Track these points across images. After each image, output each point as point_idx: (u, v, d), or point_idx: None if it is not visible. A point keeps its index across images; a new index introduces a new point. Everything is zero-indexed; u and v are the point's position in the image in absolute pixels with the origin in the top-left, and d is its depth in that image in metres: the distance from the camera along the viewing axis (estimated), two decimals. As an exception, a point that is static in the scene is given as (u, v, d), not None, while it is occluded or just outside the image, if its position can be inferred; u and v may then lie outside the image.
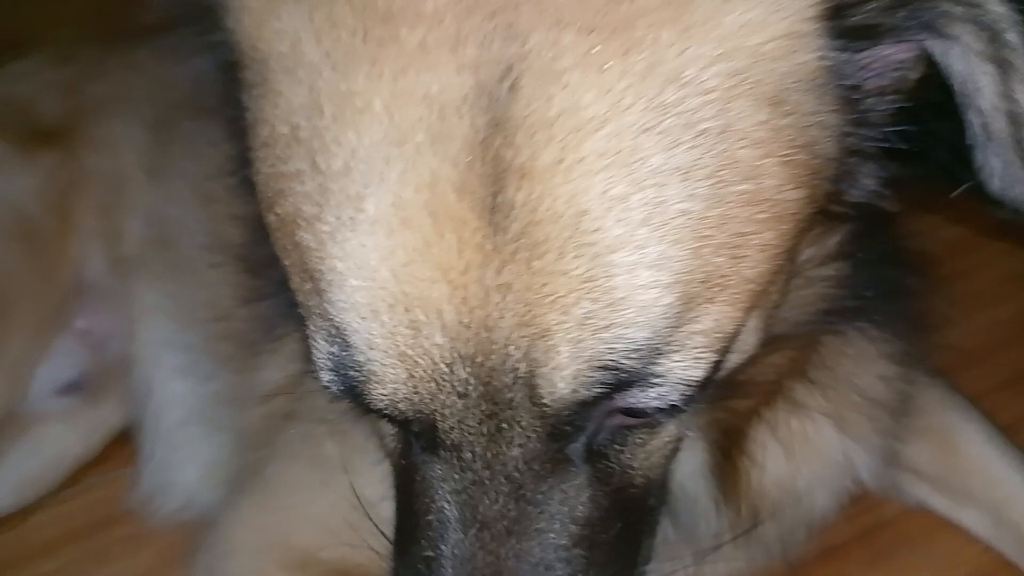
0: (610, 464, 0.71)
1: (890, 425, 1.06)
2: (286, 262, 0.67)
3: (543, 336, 0.60)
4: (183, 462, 1.30)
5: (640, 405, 0.65)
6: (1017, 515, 1.16)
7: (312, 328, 0.65)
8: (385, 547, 0.86)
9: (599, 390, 0.62)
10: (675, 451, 0.78)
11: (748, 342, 0.72)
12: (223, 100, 0.76)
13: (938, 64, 0.70)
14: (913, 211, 1.63)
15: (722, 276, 0.63)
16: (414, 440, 0.69)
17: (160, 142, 1.40)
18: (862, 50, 0.68)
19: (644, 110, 0.58)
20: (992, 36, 0.65)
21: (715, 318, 0.63)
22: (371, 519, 0.86)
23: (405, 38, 0.59)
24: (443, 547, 0.68)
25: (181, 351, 1.31)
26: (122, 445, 1.38)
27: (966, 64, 0.67)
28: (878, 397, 1.02)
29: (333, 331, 0.63)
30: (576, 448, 0.68)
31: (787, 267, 0.72)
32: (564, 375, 0.61)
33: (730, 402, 0.92)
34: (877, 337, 1.00)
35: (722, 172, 0.60)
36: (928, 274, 1.06)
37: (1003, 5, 0.65)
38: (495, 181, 0.58)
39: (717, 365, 0.67)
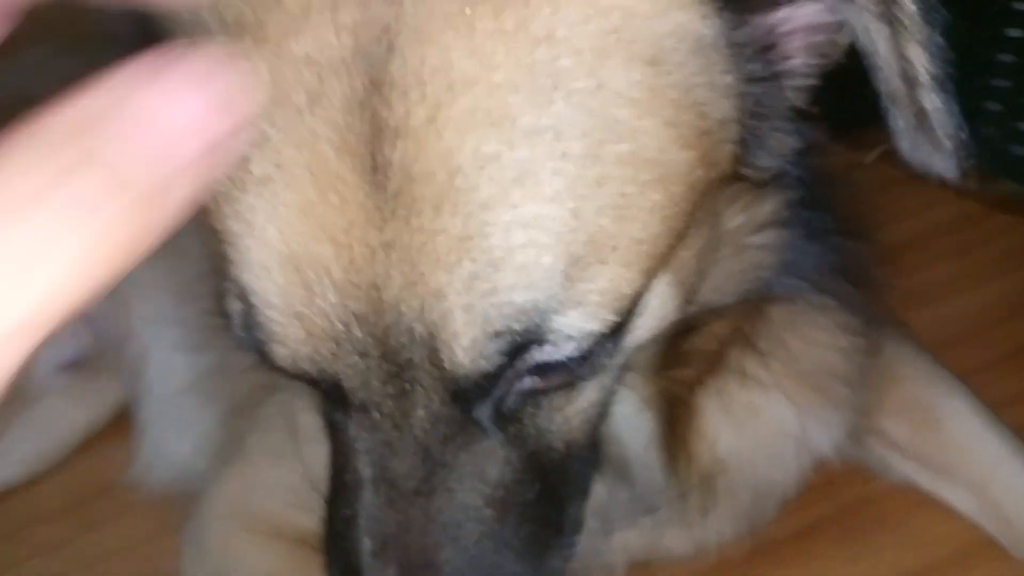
0: (523, 427, 0.71)
1: (850, 398, 1.05)
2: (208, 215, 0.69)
3: (435, 297, 0.61)
4: (178, 433, 1.34)
5: (540, 361, 0.65)
6: (999, 492, 1.13)
7: (226, 285, 0.67)
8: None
9: (498, 359, 0.63)
10: (598, 416, 0.78)
11: (663, 307, 0.72)
12: None
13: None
14: (921, 185, 1.62)
15: (609, 236, 0.63)
16: (327, 400, 0.71)
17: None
18: (753, 12, 0.67)
19: (514, 68, 0.59)
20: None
21: (609, 278, 0.64)
22: (315, 487, 0.89)
23: (288, 3, 0.61)
24: (357, 505, 0.70)
25: (175, 325, 1.35)
26: (123, 419, 1.43)
27: (862, 23, 0.66)
28: (833, 369, 1.01)
29: (238, 290, 0.65)
30: (484, 412, 0.69)
31: (700, 232, 0.72)
32: (463, 343, 0.62)
33: (673, 372, 0.91)
34: (831, 307, 0.98)
35: (597, 132, 0.61)
36: (877, 241, 1.04)
37: None
38: (373, 140, 0.59)
39: (621, 326, 0.67)
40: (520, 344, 0.63)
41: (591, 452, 0.80)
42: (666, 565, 1.11)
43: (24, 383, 1.37)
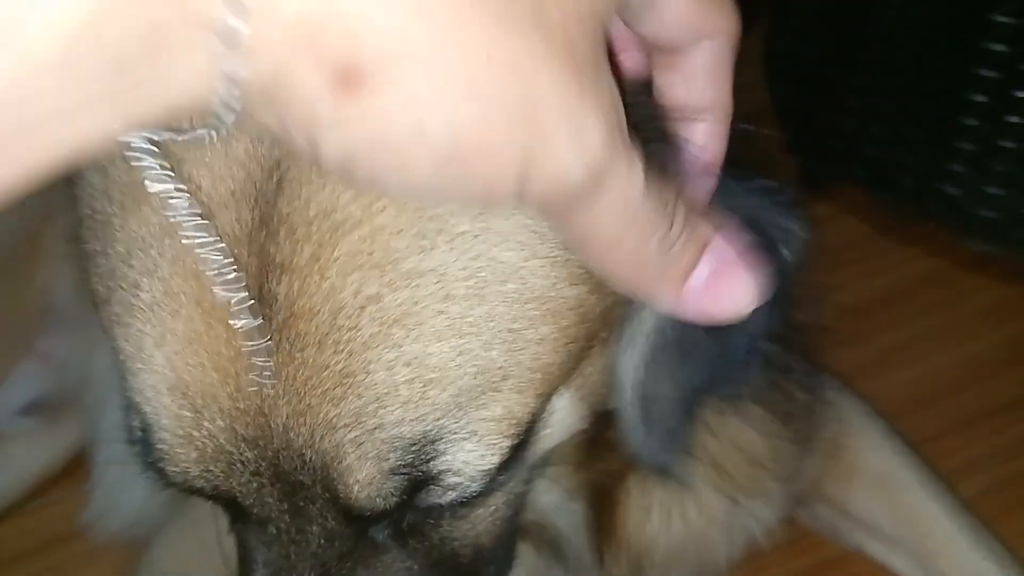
0: (425, 539, 0.71)
1: (778, 488, 1.04)
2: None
3: (325, 429, 0.61)
4: (131, 482, 1.33)
5: (442, 502, 0.65)
6: (946, 566, 1.13)
7: (124, 398, 0.67)
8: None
9: (395, 499, 0.63)
10: (507, 522, 0.77)
11: (566, 420, 0.72)
12: None
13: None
14: (890, 241, 1.62)
15: (499, 368, 0.63)
16: (226, 511, 0.71)
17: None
18: None
19: (399, 212, 0.59)
20: None
21: (503, 405, 0.64)
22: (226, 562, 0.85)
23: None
24: None
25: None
26: (82, 462, 1.43)
27: None
28: (758, 459, 0.99)
29: (132, 406, 0.65)
30: (381, 531, 0.69)
31: (604, 349, 0.71)
32: (359, 478, 0.62)
33: (597, 463, 0.91)
34: (752, 397, 0.96)
35: (482, 273, 0.60)
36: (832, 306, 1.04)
37: None
38: (260, 274, 0.59)
39: (519, 448, 0.67)
40: (418, 481, 0.63)
41: (504, 552, 0.80)
42: None
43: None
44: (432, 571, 0.72)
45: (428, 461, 0.62)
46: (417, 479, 0.62)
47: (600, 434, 0.84)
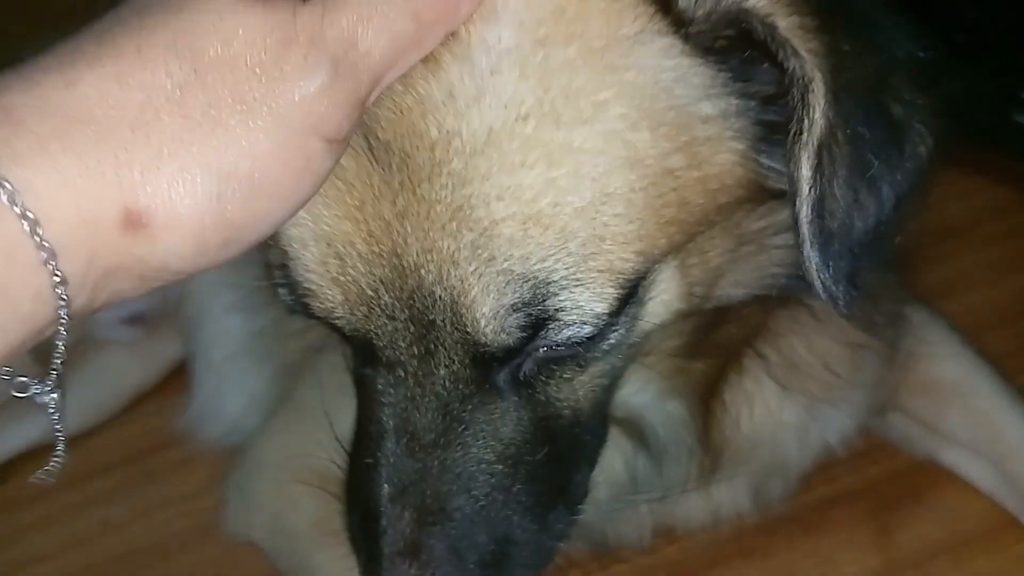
0: (535, 392, 0.76)
1: (856, 395, 1.08)
2: None
3: (450, 263, 0.66)
4: (229, 392, 1.40)
5: (560, 341, 0.70)
6: (1018, 467, 1.16)
7: (271, 256, 0.74)
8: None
9: (519, 335, 0.68)
10: (604, 392, 0.82)
11: (668, 294, 0.76)
12: None
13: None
14: (961, 172, 1.64)
15: (594, 215, 0.66)
16: (357, 356, 0.77)
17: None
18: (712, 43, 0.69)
19: (490, 50, 0.64)
20: (799, 93, 0.66)
21: (606, 258, 0.68)
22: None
23: None
24: (379, 454, 0.76)
25: (231, 290, 1.41)
26: (179, 375, 1.50)
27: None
28: (837, 367, 1.02)
29: (282, 255, 0.71)
30: (501, 376, 0.74)
31: (711, 232, 0.75)
32: (484, 312, 0.67)
33: (696, 361, 0.96)
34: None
35: (554, 101, 0.64)
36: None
37: (820, 67, 0.65)
38: (363, 124, 0.64)
39: (625, 308, 0.71)
40: (537, 320, 0.68)
41: (598, 426, 0.85)
42: (690, 533, 1.16)
43: (87, 334, 1.44)
44: (537, 427, 0.76)
45: (543, 301, 0.67)
46: (536, 317, 0.67)
47: (701, 334, 0.90)
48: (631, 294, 0.72)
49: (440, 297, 0.68)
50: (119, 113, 0.56)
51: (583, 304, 0.68)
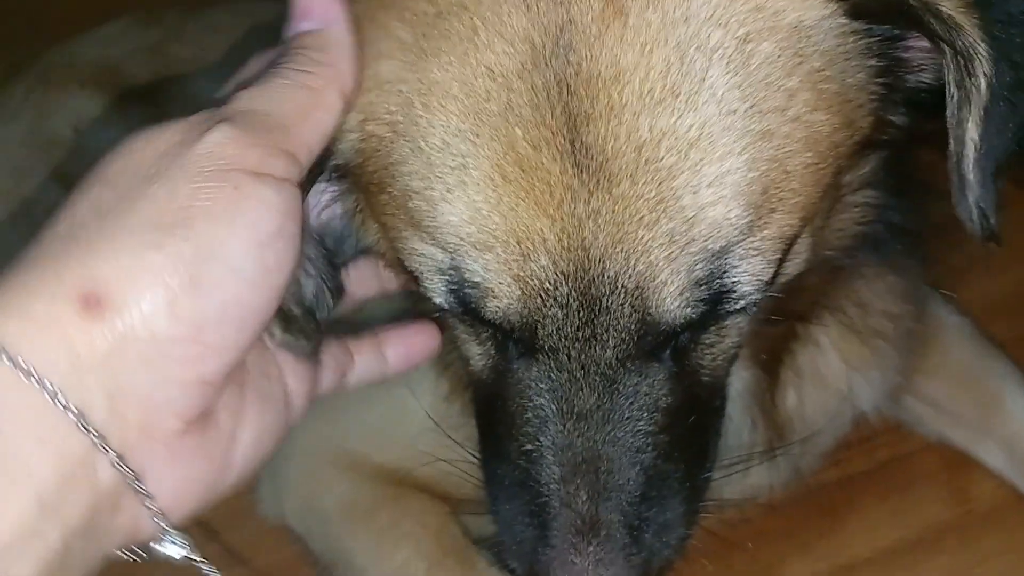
0: (686, 362, 0.80)
1: (896, 361, 1.12)
2: (396, 226, 0.78)
3: (641, 252, 0.70)
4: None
5: (731, 310, 0.74)
6: (1028, 446, 1.20)
7: (420, 267, 0.77)
8: (429, 448, 1.00)
9: (701, 308, 0.72)
10: (734, 358, 0.86)
11: (800, 255, 0.80)
12: None
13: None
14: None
15: (776, 188, 0.71)
16: (512, 347, 0.79)
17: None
18: (879, 23, 0.74)
19: (666, 49, 0.68)
20: (963, 63, 0.71)
21: (778, 226, 0.73)
22: (440, 426, 0.99)
23: (458, 29, 0.71)
24: (543, 439, 0.77)
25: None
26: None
27: (947, 79, 0.73)
28: (884, 332, 1.08)
29: (445, 265, 0.74)
30: (660, 349, 0.77)
31: (832, 189, 0.80)
32: (671, 291, 0.71)
33: (770, 327, 0.97)
34: (888, 274, 1.06)
35: (752, 90, 0.69)
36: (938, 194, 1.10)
37: (983, 39, 0.70)
38: (569, 129, 0.69)
39: (778, 271, 0.75)
40: (718, 292, 0.72)
41: (723, 396, 0.88)
42: (719, 510, 1.18)
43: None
44: (686, 396, 0.79)
45: (724, 273, 0.71)
46: (716, 290, 0.71)
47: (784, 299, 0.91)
48: (784, 258, 0.76)
49: (623, 285, 0.72)
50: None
51: (758, 272, 0.72)
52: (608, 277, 0.71)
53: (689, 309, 0.72)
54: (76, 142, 1.47)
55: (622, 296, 0.72)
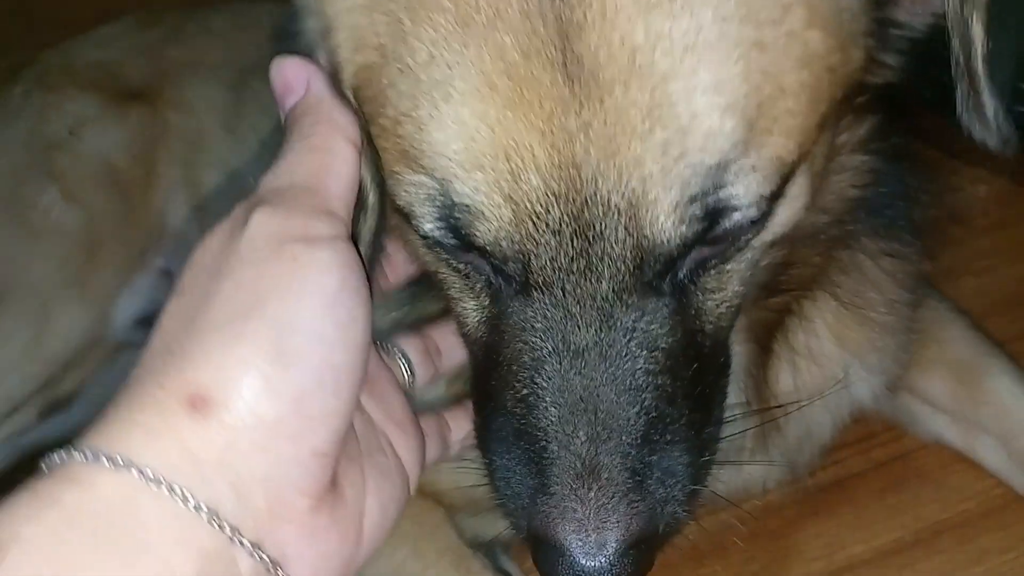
0: (687, 303, 0.77)
1: (893, 349, 1.11)
2: (387, 162, 0.77)
3: (633, 165, 0.68)
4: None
5: (729, 229, 0.72)
6: (1026, 443, 1.19)
7: (410, 199, 0.75)
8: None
9: (697, 225, 0.70)
10: (736, 311, 0.83)
11: (799, 198, 0.78)
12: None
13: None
14: (956, 162, 1.68)
15: (771, 104, 0.70)
16: (506, 288, 0.77)
17: (236, 101, 1.54)
18: None
19: None
20: None
21: (775, 146, 0.71)
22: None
23: None
24: (539, 380, 0.75)
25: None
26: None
27: None
28: (880, 319, 1.06)
29: (435, 192, 0.73)
30: (658, 280, 0.75)
31: (825, 136, 0.79)
32: (664, 207, 0.69)
33: (766, 301, 0.97)
34: (884, 258, 1.05)
35: (750, 2, 0.68)
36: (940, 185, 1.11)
37: None
38: (559, 38, 0.68)
39: (777, 197, 0.74)
40: (713, 209, 0.70)
41: (726, 354, 0.86)
42: (715, 508, 1.15)
43: (104, 333, 1.47)
44: (688, 339, 0.77)
45: (720, 188, 0.70)
46: (712, 207, 0.70)
47: (772, 274, 0.92)
48: (779, 191, 0.75)
49: (616, 205, 0.70)
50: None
51: (755, 191, 0.71)
52: (601, 197, 0.70)
53: (685, 227, 0.70)
54: (74, 145, 1.47)
55: (615, 217, 0.70)
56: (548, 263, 0.73)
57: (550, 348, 0.75)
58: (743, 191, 0.70)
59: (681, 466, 0.77)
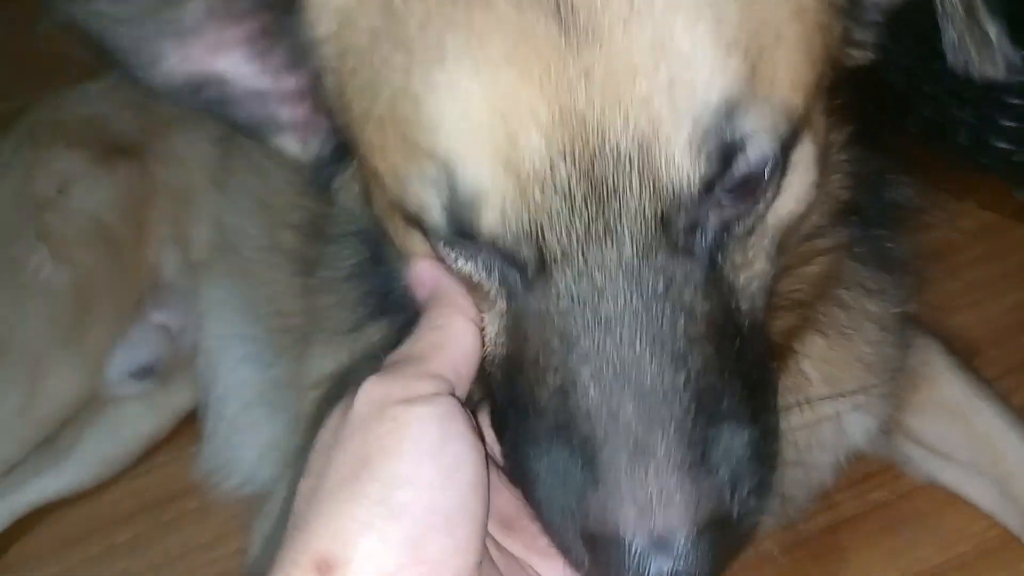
0: (716, 274, 0.73)
1: (883, 390, 1.10)
2: (387, 160, 0.75)
3: (641, 105, 0.66)
4: (244, 442, 1.43)
5: (741, 174, 0.70)
6: (1020, 487, 1.19)
7: (417, 193, 0.73)
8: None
9: (714, 165, 0.68)
10: (766, 293, 0.79)
11: (809, 170, 0.77)
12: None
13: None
14: (942, 197, 1.69)
15: (771, 52, 0.70)
16: (522, 277, 0.73)
17: (223, 156, 1.54)
18: None
19: None
20: None
21: (780, 95, 0.70)
22: None
23: None
24: (573, 360, 0.69)
25: (245, 342, 1.45)
26: (190, 424, 1.53)
27: None
28: (868, 358, 1.05)
29: (437, 174, 0.70)
30: (687, 240, 0.71)
31: (822, 119, 0.78)
32: (679, 144, 0.67)
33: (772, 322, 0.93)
34: (868, 298, 1.04)
35: None
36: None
37: None
38: None
39: (788, 154, 0.73)
40: (727, 145, 0.68)
41: (768, 342, 0.80)
42: None
43: (98, 388, 1.47)
44: (724, 314, 0.73)
45: (731, 124, 0.67)
46: (726, 142, 0.68)
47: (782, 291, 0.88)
48: (791, 147, 0.73)
49: (626, 151, 0.67)
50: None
51: (765, 126, 0.69)
52: (610, 147, 0.67)
53: (701, 164, 0.67)
54: (62, 203, 1.48)
55: (628, 167, 0.67)
56: (563, 233, 0.69)
57: (580, 324, 0.70)
58: (753, 127, 0.68)
59: (743, 444, 0.71)
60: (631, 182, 0.68)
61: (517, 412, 0.76)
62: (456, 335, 0.76)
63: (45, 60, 2.33)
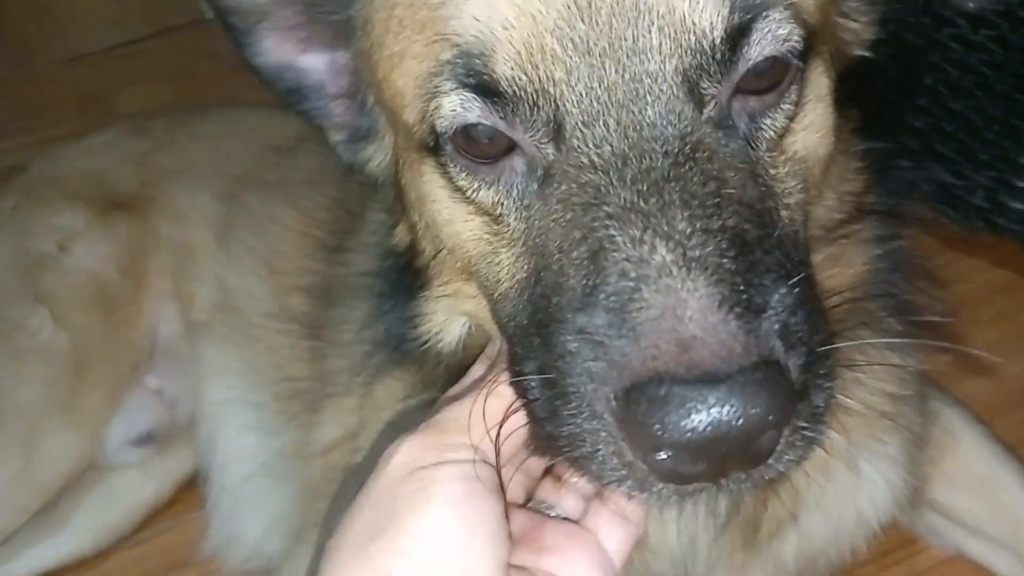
0: (748, 165, 0.70)
1: (904, 460, 1.05)
2: (406, 65, 0.77)
3: None
4: (249, 514, 1.39)
5: (766, 52, 0.69)
6: (1047, 562, 1.17)
7: (436, 83, 0.73)
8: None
9: (738, 13, 0.67)
10: (801, 205, 0.75)
11: (822, 98, 0.77)
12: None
13: None
14: (957, 254, 1.66)
15: None
16: (539, 150, 0.71)
17: (227, 212, 1.50)
18: None
19: None
20: None
21: None
22: None
23: None
24: (600, 219, 0.66)
25: (248, 408, 1.41)
26: (191, 490, 1.48)
27: None
28: (889, 414, 0.99)
29: (456, 57, 0.71)
30: (711, 113, 0.69)
31: (828, 68, 0.78)
32: None
33: None
34: (885, 354, 0.98)
35: None
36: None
37: None
38: None
39: (808, 53, 0.72)
40: (748, 5, 0.67)
41: (808, 258, 0.77)
42: None
43: (97, 456, 1.42)
44: (762, 210, 0.70)
45: None
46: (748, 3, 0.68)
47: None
48: (807, 53, 0.73)
49: (646, 3, 0.67)
50: None
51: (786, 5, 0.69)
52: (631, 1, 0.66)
53: (724, 8, 0.67)
54: (62, 262, 1.44)
55: (648, 22, 0.67)
56: (584, 93, 0.67)
57: (606, 183, 0.67)
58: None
59: (797, 302, 0.65)
60: (652, 38, 0.67)
61: (543, 335, 0.70)
62: (493, 408, 0.78)
63: (36, 95, 2.31)
